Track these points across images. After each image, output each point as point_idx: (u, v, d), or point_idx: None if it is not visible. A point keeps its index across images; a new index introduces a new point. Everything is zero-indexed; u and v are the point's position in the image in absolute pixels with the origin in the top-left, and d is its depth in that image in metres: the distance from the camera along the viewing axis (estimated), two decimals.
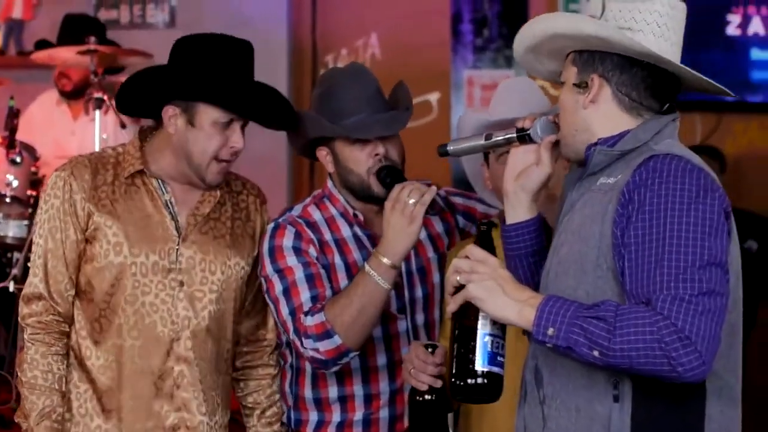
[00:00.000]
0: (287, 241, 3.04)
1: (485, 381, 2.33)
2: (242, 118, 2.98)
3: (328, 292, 2.99)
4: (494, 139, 2.63)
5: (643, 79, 2.39)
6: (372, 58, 6.89)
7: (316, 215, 3.12)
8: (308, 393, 3.13)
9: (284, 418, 3.20)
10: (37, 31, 6.70)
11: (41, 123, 6.07)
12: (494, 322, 2.33)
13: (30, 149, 5.47)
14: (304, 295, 2.97)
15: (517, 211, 2.56)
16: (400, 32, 6.81)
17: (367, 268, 2.90)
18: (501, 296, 2.29)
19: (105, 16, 6.84)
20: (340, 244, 3.10)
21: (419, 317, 3.15)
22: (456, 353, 2.36)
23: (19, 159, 5.32)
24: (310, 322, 2.93)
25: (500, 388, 2.36)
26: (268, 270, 3.03)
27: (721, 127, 6.73)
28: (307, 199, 3.18)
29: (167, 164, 3.03)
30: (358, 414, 3.10)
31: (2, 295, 5.26)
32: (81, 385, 3.03)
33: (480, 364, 2.33)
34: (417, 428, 2.84)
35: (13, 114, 5.38)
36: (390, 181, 2.99)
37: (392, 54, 6.82)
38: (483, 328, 2.33)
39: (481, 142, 2.66)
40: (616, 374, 2.27)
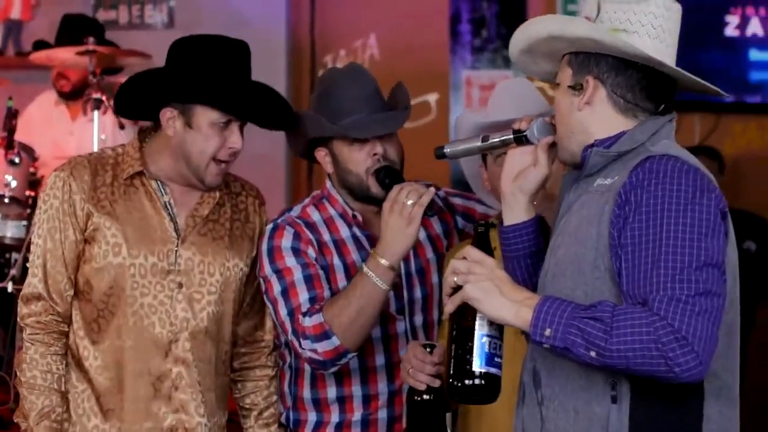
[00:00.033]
0: (286, 241, 3.04)
1: (482, 382, 2.33)
2: (239, 119, 2.98)
3: (326, 293, 2.99)
4: (491, 140, 2.62)
5: (638, 80, 2.38)
6: (371, 58, 6.88)
7: (315, 216, 3.12)
8: (307, 393, 3.13)
9: (283, 419, 3.20)
10: (36, 32, 6.67)
11: (40, 123, 6.06)
12: (491, 323, 2.33)
13: (28, 150, 5.46)
14: (303, 296, 2.97)
15: (515, 213, 2.55)
16: (399, 33, 6.80)
17: (366, 269, 2.90)
18: (498, 297, 2.29)
19: (103, 16, 6.83)
20: (338, 244, 3.10)
21: (418, 318, 3.15)
22: (453, 354, 2.35)
23: (17, 159, 5.31)
24: (308, 322, 2.93)
25: (498, 389, 2.36)
26: (267, 270, 3.03)
27: (719, 127, 6.73)
28: (306, 200, 3.18)
29: (166, 165, 3.04)
30: (356, 414, 3.10)
31: (1, 296, 5.25)
32: (79, 385, 3.03)
33: (477, 365, 2.33)
34: (415, 428, 2.83)
35: (12, 114, 5.37)
36: (388, 181, 2.99)
37: (391, 54, 6.81)
38: (480, 329, 2.33)
39: (478, 144, 2.65)
40: (614, 375, 2.27)
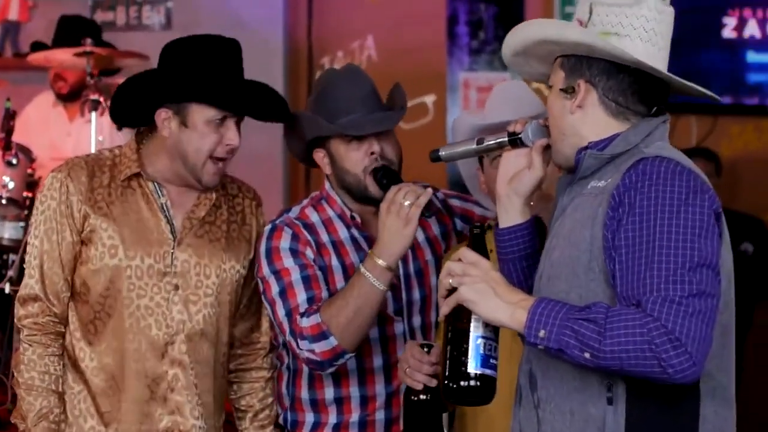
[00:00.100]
0: (284, 242, 3.04)
1: (478, 383, 2.33)
2: (235, 114, 2.98)
3: (324, 293, 2.99)
4: (486, 143, 2.63)
5: (630, 84, 2.39)
6: (368, 60, 6.88)
7: (313, 217, 3.13)
8: (305, 394, 3.14)
9: (281, 420, 3.20)
10: (33, 33, 6.65)
11: (37, 125, 6.06)
12: (487, 325, 2.33)
13: (26, 151, 5.45)
14: (301, 297, 2.98)
15: (510, 215, 2.56)
16: (396, 34, 6.79)
17: (363, 270, 2.91)
18: (493, 299, 2.30)
19: (101, 17, 6.82)
20: (337, 245, 3.11)
21: (416, 320, 3.15)
22: (448, 356, 2.35)
23: (15, 161, 5.31)
24: (305, 323, 2.93)
25: (493, 391, 2.36)
26: (265, 271, 3.04)
27: (716, 129, 6.72)
28: (305, 201, 3.19)
29: (163, 167, 3.04)
30: (354, 416, 3.11)
31: None
32: (75, 386, 3.03)
33: (473, 367, 2.33)
34: (412, 428, 2.83)
35: (9, 116, 5.37)
36: (386, 182, 2.99)
37: (388, 56, 6.80)
38: (475, 331, 2.33)
39: (473, 146, 2.66)
40: (610, 376, 2.27)
